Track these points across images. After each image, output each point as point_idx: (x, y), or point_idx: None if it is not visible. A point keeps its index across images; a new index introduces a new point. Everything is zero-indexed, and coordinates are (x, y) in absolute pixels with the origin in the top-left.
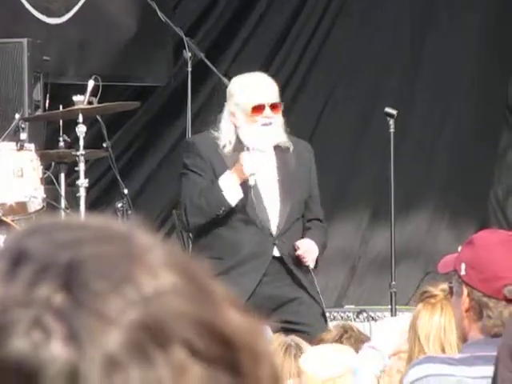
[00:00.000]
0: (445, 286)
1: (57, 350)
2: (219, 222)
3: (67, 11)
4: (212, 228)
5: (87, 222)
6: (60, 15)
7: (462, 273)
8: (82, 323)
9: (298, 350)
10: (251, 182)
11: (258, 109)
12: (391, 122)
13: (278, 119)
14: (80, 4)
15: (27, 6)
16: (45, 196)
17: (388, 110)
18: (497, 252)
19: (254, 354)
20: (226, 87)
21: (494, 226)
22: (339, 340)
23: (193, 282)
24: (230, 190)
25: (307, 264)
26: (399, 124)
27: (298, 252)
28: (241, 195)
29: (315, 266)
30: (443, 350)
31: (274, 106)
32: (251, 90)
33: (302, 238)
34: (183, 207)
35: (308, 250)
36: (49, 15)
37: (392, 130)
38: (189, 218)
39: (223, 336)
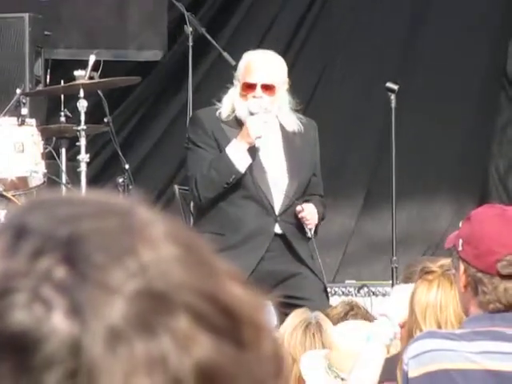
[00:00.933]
0: (444, 261)
1: (58, 323)
2: (223, 198)
3: None
4: (215, 203)
5: (88, 197)
6: None
7: (460, 248)
8: (83, 296)
9: (318, 328)
10: (258, 145)
11: (249, 87)
12: (392, 97)
13: (275, 100)
14: None
15: None
16: (46, 171)
17: (389, 84)
18: (490, 227)
19: (256, 327)
20: (226, 61)
21: (495, 201)
22: (345, 317)
23: (194, 255)
24: (239, 156)
25: (309, 227)
26: (398, 99)
27: (302, 214)
28: (250, 161)
29: (314, 235)
30: (439, 327)
31: (266, 87)
32: (249, 67)
33: None
34: (193, 182)
35: (311, 212)
36: None
37: (393, 106)
38: (200, 192)
39: (226, 306)
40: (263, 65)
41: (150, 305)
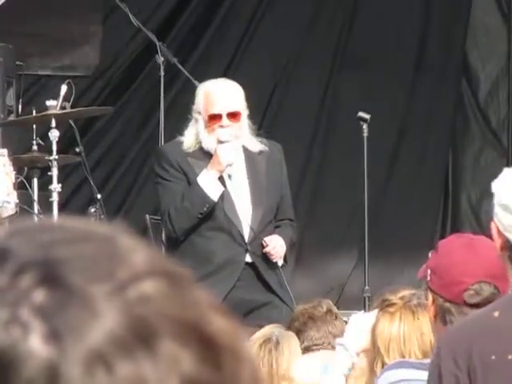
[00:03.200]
0: (404, 292)
1: (36, 347)
2: (192, 230)
3: None
4: (186, 236)
5: (70, 224)
6: None
7: (428, 279)
8: (62, 319)
9: (276, 345)
10: (229, 173)
11: (214, 118)
12: (364, 126)
13: (240, 126)
14: None
15: None
16: (17, 201)
17: (361, 114)
18: (456, 257)
19: (235, 354)
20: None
21: (467, 231)
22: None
23: (175, 284)
24: (210, 185)
25: (275, 261)
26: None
27: (266, 249)
28: (222, 189)
29: (283, 264)
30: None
31: (231, 115)
32: (210, 98)
33: None
34: (166, 215)
35: (276, 246)
36: None
37: (365, 135)
38: (175, 224)
39: (207, 336)
40: (224, 94)
41: (130, 329)
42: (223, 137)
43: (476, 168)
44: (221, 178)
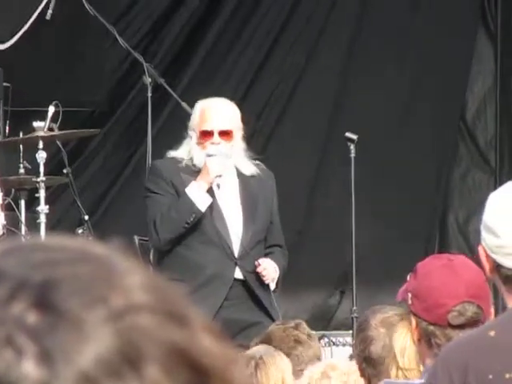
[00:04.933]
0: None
1: (28, 370)
2: (181, 243)
3: (11, 37)
4: (174, 249)
5: (65, 244)
6: (4, 41)
7: (409, 302)
8: (54, 342)
9: (258, 364)
10: (218, 183)
11: (206, 134)
12: (352, 146)
13: (233, 145)
14: (24, 29)
15: None
16: (5, 222)
17: (348, 134)
18: (437, 279)
19: (225, 381)
20: (184, 110)
21: (455, 251)
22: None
23: (167, 306)
24: (199, 195)
25: (267, 282)
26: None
27: (259, 269)
28: (210, 200)
29: (275, 290)
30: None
31: (223, 133)
32: (203, 115)
33: None
34: (152, 224)
35: (268, 267)
36: None
37: (353, 155)
38: (160, 233)
39: (196, 360)
40: (219, 112)
41: (119, 353)
42: (211, 150)
43: (463, 188)
44: (211, 192)
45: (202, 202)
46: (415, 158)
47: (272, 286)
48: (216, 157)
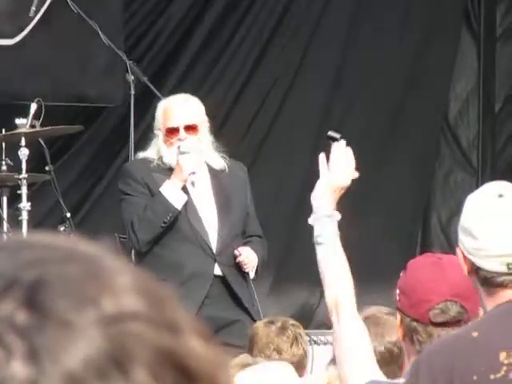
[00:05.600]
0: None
1: (17, 368)
2: (158, 242)
3: (19, 32)
4: (152, 248)
5: (55, 242)
6: (12, 36)
7: (397, 299)
8: (42, 341)
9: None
10: (192, 181)
11: (171, 131)
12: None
13: (200, 139)
14: (32, 25)
15: None
16: None
17: (331, 133)
18: (423, 276)
19: (214, 383)
20: None
21: (437, 250)
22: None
23: (156, 308)
24: (174, 194)
25: (247, 271)
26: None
27: (239, 258)
28: (185, 198)
29: (254, 278)
30: None
31: (188, 128)
32: (167, 113)
33: None
34: (129, 226)
35: (248, 256)
36: (0, 36)
37: None
38: (138, 235)
39: (184, 364)
40: (181, 107)
41: (107, 355)
42: (183, 148)
43: (446, 188)
44: (184, 189)
45: (177, 201)
46: (399, 158)
47: (252, 275)
48: (188, 154)
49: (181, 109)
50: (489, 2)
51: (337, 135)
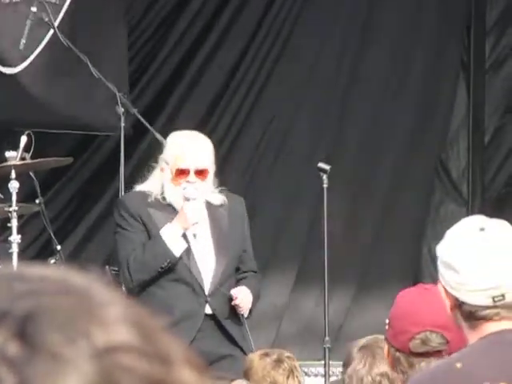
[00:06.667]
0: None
1: None
2: (151, 281)
3: (22, 61)
4: (144, 287)
5: (46, 274)
6: (15, 65)
7: (386, 328)
8: (34, 373)
9: None
10: (194, 231)
11: (182, 172)
12: (324, 177)
13: (206, 183)
14: (35, 54)
15: None
16: None
17: (321, 165)
18: (407, 306)
19: None
20: (161, 145)
21: (427, 281)
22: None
23: (147, 339)
24: (174, 241)
25: (242, 313)
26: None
27: (235, 302)
28: (185, 245)
29: (248, 316)
30: None
31: (199, 172)
32: (179, 152)
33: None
34: (125, 265)
35: (244, 299)
36: (4, 65)
37: (325, 186)
38: (133, 275)
39: None
40: (195, 150)
41: None
42: (189, 194)
43: (436, 219)
44: (184, 235)
45: (177, 248)
46: (394, 187)
47: (246, 314)
48: (194, 203)
49: (193, 151)
50: (478, 34)
51: (327, 167)
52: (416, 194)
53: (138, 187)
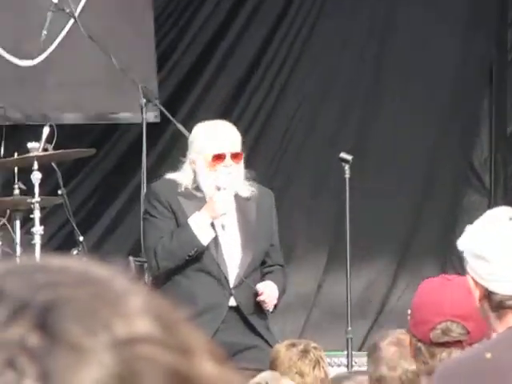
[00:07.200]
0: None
1: None
2: (177, 270)
3: (39, 54)
4: (170, 275)
5: (67, 265)
6: (33, 57)
7: (408, 318)
8: (54, 364)
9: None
10: (222, 222)
11: (218, 157)
12: (346, 167)
13: (239, 168)
14: (53, 47)
15: None
16: (0, 243)
17: (343, 155)
18: (428, 296)
19: None
20: (184, 136)
21: (450, 272)
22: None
23: (169, 331)
24: (202, 229)
25: (267, 309)
26: (357, 169)
27: (261, 297)
28: (213, 235)
29: (273, 310)
30: None
31: (234, 156)
32: (213, 138)
33: (263, 280)
34: (152, 252)
35: (270, 294)
36: (21, 57)
37: (347, 176)
38: (160, 262)
39: None
40: (228, 134)
41: (119, 378)
42: (223, 184)
43: (459, 209)
44: (212, 225)
45: (205, 237)
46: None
47: (271, 310)
48: (224, 193)
49: (228, 135)
50: (501, 26)
51: (348, 157)
52: (446, 185)
53: (169, 175)
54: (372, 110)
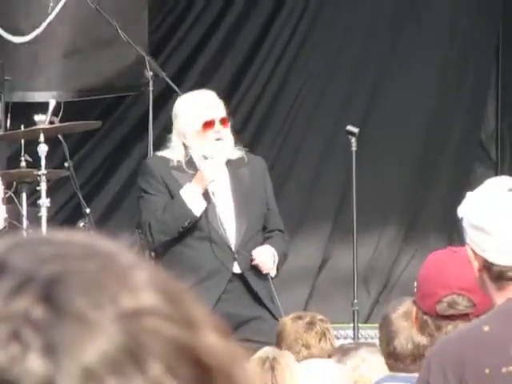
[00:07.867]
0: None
1: (33, 363)
2: (178, 240)
3: (33, 29)
4: (171, 246)
5: (72, 238)
6: (26, 33)
7: (414, 291)
8: (60, 336)
9: (273, 363)
10: (212, 189)
11: (208, 124)
12: (353, 140)
13: (228, 133)
14: (46, 22)
15: None
16: (6, 216)
17: (350, 128)
18: (433, 269)
19: (229, 378)
20: None
21: (455, 244)
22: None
23: (173, 304)
24: (194, 200)
25: (265, 272)
26: (364, 141)
27: (255, 262)
28: (205, 205)
29: (276, 275)
30: None
31: (223, 120)
32: (199, 107)
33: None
34: (147, 226)
35: (265, 258)
36: (15, 34)
37: (354, 149)
38: (154, 236)
39: (200, 359)
40: (213, 100)
41: (124, 351)
42: (207, 152)
43: (465, 182)
44: (204, 194)
45: (197, 207)
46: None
47: (273, 273)
48: (211, 161)
49: (212, 102)
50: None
51: (355, 129)
52: (453, 158)
53: (159, 153)
54: (380, 83)
